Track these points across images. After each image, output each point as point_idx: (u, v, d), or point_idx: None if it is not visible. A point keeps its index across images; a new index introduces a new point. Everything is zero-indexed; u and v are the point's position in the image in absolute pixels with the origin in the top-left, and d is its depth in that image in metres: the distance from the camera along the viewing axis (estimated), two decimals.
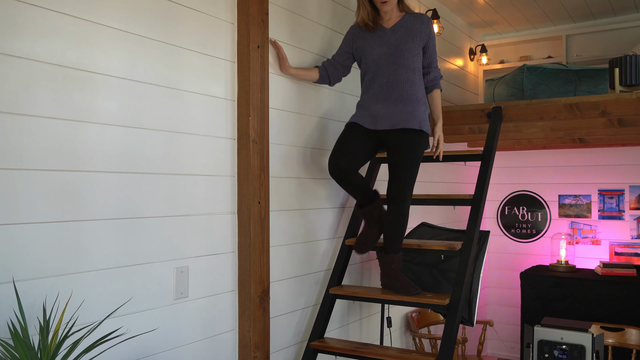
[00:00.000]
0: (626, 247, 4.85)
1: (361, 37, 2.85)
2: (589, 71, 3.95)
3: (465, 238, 2.83)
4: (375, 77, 2.79)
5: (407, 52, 2.76)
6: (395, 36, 2.78)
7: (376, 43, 2.79)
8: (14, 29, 1.72)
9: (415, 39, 2.78)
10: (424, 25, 2.81)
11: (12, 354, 1.54)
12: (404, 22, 2.81)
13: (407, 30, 2.79)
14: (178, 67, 2.27)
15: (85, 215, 1.91)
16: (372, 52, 2.79)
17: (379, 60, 2.77)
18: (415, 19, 2.82)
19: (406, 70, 2.75)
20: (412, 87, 2.75)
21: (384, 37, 2.79)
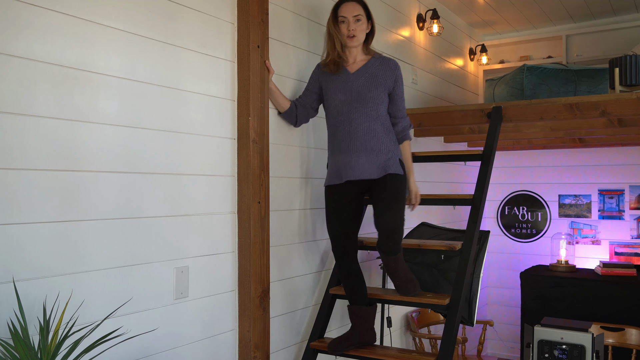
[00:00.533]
0: (626, 247, 4.85)
1: (325, 79, 2.72)
2: (589, 71, 3.95)
3: (465, 238, 2.83)
4: (337, 125, 2.66)
5: (370, 100, 2.61)
6: (358, 82, 2.64)
7: (338, 88, 2.65)
8: (14, 29, 1.72)
9: (380, 86, 2.64)
10: (390, 71, 2.67)
11: (12, 354, 1.54)
12: (369, 67, 2.67)
13: (371, 77, 2.64)
14: (178, 67, 2.27)
15: (85, 215, 1.91)
16: (334, 98, 2.66)
17: (342, 107, 2.64)
18: (382, 64, 2.68)
19: (369, 119, 2.61)
20: (374, 137, 2.62)
21: (346, 82, 2.65)
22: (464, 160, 3.18)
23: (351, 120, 2.61)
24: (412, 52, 4.16)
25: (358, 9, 2.63)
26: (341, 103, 2.64)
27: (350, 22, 2.61)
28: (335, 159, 2.68)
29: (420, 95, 4.27)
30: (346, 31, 2.62)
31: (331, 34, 2.66)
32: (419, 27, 4.23)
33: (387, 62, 2.70)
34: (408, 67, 4.09)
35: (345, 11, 2.62)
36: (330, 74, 2.69)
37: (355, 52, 2.69)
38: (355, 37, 2.63)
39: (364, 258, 3.46)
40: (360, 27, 2.63)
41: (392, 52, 3.85)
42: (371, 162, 2.61)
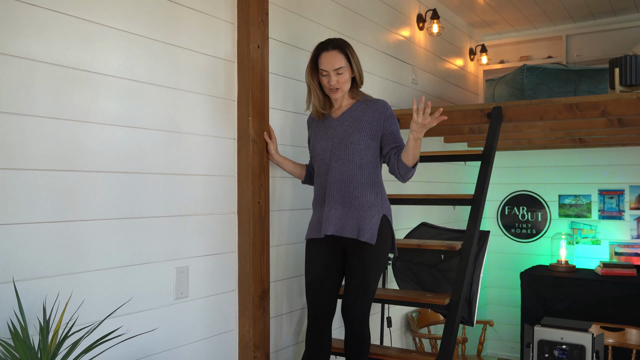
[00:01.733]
0: (626, 247, 4.85)
1: (312, 127, 2.57)
2: (589, 71, 3.95)
3: (465, 238, 2.83)
4: (319, 173, 2.48)
5: (351, 145, 2.39)
6: (341, 127, 2.44)
7: (322, 135, 2.48)
8: (13, 29, 1.72)
9: (364, 130, 2.40)
10: (377, 112, 2.43)
11: (12, 354, 1.54)
12: (353, 111, 2.46)
13: (354, 121, 2.43)
14: (178, 67, 2.27)
15: (85, 215, 1.91)
16: (317, 145, 2.49)
17: (324, 155, 2.45)
18: (368, 106, 2.45)
19: (349, 168, 2.39)
20: (354, 188, 2.38)
21: (329, 129, 2.47)
22: (464, 160, 3.17)
23: (330, 169, 2.42)
24: (412, 52, 4.16)
25: (339, 59, 2.38)
26: (323, 150, 2.46)
27: (331, 75, 2.39)
28: (316, 210, 2.50)
29: (420, 95, 4.27)
30: (327, 84, 2.42)
31: (310, 86, 2.48)
32: (419, 27, 4.23)
33: (374, 103, 2.46)
34: (408, 67, 4.09)
35: (325, 64, 2.39)
36: (318, 121, 2.53)
37: (340, 98, 2.49)
38: (338, 90, 2.43)
39: None
40: (343, 78, 2.41)
41: (392, 52, 3.86)
42: (348, 216, 2.37)
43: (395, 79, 3.90)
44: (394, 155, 2.43)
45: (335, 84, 2.40)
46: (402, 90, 4.00)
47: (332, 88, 2.41)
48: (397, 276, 3.40)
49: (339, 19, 3.26)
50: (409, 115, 3.53)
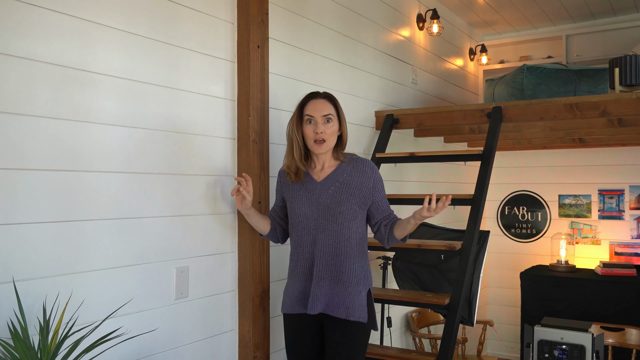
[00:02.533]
0: (626, 247, 4.85)
1: (287, 187, 2.30)
2: (589, 71, 3.95)
3: (465, 238, 2.83)
4: (301, 244, 2.24)
5: (339, 216, 2.18)
6: (326, 193, 2.21)
7: (303, 200, 2.23)
8: (14, 29, 1.72)
9: (352, 198, 2.19)
10: (365, 177, 2.22)
11: (12, 354, 1.54)
12: (339, 175, 2.23)
13: (341, 186, 2.21)
14: (178, 67, 2.27)
15: (86, 215, 1.91)
16: (298, 212, 2.23)
17: (307, 223, 2.21)
18: (355, 168, 2.24)
19: (339, 240, 2.18)
20: (343, 263, 2.18)
21: (312, 194, 2.22)
22: (464, 160, 3.18)
23: (316, 240, 2.20)
24: (412, 52, 4.16)
25: (328, 107, 2.19)
26: (306, 218, 2.21)
27: (318, 122, 2.16)
28: (296, 281, 2.25)
29: (420, 95, 4.27)
30: (312, 134, 2.17)
31: (292, 138, 2.22)
32: (419, 27, 4.23)
33: (361, 165, 2.25)
34: (408, 67, 4.09)
35: (312, 109, 2.18)
36: (296, 182, 2.26)
37: (323, 157, 2.25)
38: (324, 143, 2.18)
39: None
40: (330, 129, 2.18)
41: (392, 52, 3.86)
42: (335, 293, 2.17)
43: (395, 79, 3.90)
44: (384, 226, 2.26)
45: (322, 135, 2.16)
46: (402, 90, 4.00)
47: (318, 139, 2.16)
48: (397, 276, 3.40)
49: (339, 19, 3.26)
50: (410, 116, 3.53)
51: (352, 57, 3.38)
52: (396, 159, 3.35)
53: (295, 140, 2.20)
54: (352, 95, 3.35)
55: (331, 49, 3.17)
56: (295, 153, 2.21)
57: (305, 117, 2.19)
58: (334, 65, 3.21)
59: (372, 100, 3.60)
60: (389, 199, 3.26)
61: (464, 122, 3.37)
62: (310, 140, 2.19)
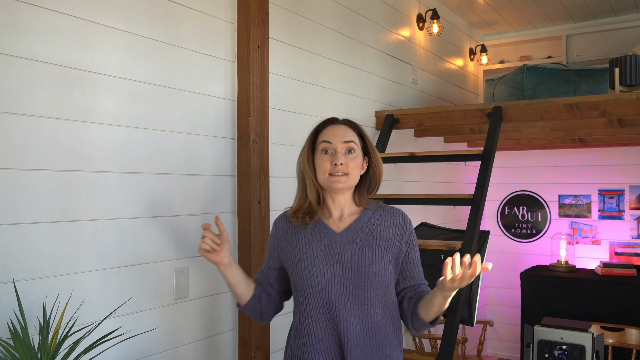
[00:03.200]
0: (626, 247, 4.85)
1: (290, 241, 1.72)
2: (589, 71, 3.95)
3: (465, 238, 2.83)
4: (315, 317, 1.64)
5: (375, 278, 1.62)
6: (351, 248, 1.65)
7: (318, 256, 1.65)
8: (14, 29, 1.72)
9: (387, 253, 1.66)
10: (397, 227, 1.71)
11: (12, 354, 1.54)
12: (365, 224, 1.70)
13: (371, 238, 1.67)
14: (178, 67, 2.26)
15: (85, 215, 1.91)
16: (313, 272, 1.63)
17: (327, 289, 1.62)
18: (383, 217, 1.72)
19: (376, 311, 1.63)
20: (384, 342, 1.64)
21: (332, 248, 1.65)
22: (464, 160, 3.17)
23: (339, 314, 1.61)
24: (412, 52, 4.16)
25: (350, 134, 1.70)
26: (325, 282, 1.62)
27: (338, 151, 1.66)
28: None
29: (420, 95, 4.27)
30: (329, 165, 1.65)
31: (303, 174, 1.72)
32: (419, 27, 4.23)
33: (391, 214, 1.74)
34: (408, 67, 4.09)
35: (330, 135, 1.68)
36: (301, 228, 1.71)
37: (343, 200, 1.72)
38: (345, 177, 1.65)
39: None
40: (353, 162, 1.67)
41: (392, 52, 3.86)
42: None
43: (395, 79, 3.90)
44: (408, 300, 1.71)
45: (342, 167, 1.64)
46: (402, 90, 4.00)
47: (336, 173, 1.64)
48: None
49: (339, 19, 3.26)
50: (410, 116, 3.53)
51: (352, 57, 3.38)
52: (396, 159, 3.35)
53: (309, 176, 1.69)
54: (352, 95, 3.35)
55: (331, 49, 3.17)
56: (310, 192, 1.69)
57: (320, 144, 1.69)
58: (334, 65, 3.21)
59: (372, 100, 3.60)
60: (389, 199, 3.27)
61: (464, 122, 3.37)
62: (324, 174, 1.66)
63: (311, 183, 1.69)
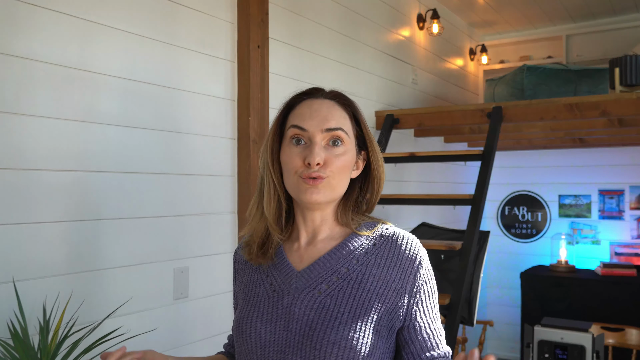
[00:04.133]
0: (626, 247, 4.85)
1: (241, 278, 1.20)
2: (589, 71, 3.95)
3: (465, 238, 2.83)
4: None
5: (333, 351, 1.01)
6: (307, 299, 1.06)
7: (260, 306, 1.10)
8: (14, 29, 1.72)
9: (365, 314, 1.04)
10: (399, 268, 1.08)
11: (12, 354, 1.54)
12: (344, 259, 1.09)
13: (347, 285, 1.06)
14: (178, 67, 2.26)
15: (85, 215, 1.91)
16: (246, 331, 1.09)
17: (263, 357, 1.06)
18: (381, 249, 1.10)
19: None
20: None
21: (281, 297, 1.09)
22: (464, 160, 3.17)
23: None
24: (412, 52, 4.16)
25: (338, 114, 1.11)
26: (260, 346, 1.07)
27: (315, 142, 1.07)
28: None
29: (420, 95, 4.27)
30: (299, 163, 1.07)
31: (262, 174, 1.15)
32: (419, 27, 4.22)
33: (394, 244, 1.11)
34: (408, 67, 4.09)
35: (306, 115, 1.09)
36: (254, 267, 1.17)
37: (319, 217, 1.13)
38: (324, 182, 1.06)
39: None
40: (340, 160, 1.08)
41: (392, 52, 3.85)
42: None
43: (395, 79, 3.90)
44: None
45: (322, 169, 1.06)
46: (402, 90, 4.00)
47: (309, 176, 1.05)
48: None
49: (339, 19, 3.26)
50: (410, 116, 3.53)
51: (352, 57, 3.38)
52: (396, 159, 3.35)
53: (269, 177, 1.11)
54: (352, 95, 3.34)
55: (331, 49, 3.17)
56: (268, 205, 1.10)
57: (288, 130, 1.10)
58: (334, 65, 3.21)
59: (372, 100, 3.59)
60: (389, 199, 3.27)
61: (464, 122, 3.37)
62: (292, 176, 1.07)
63: (271, 189, 1.10)
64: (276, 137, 1.13)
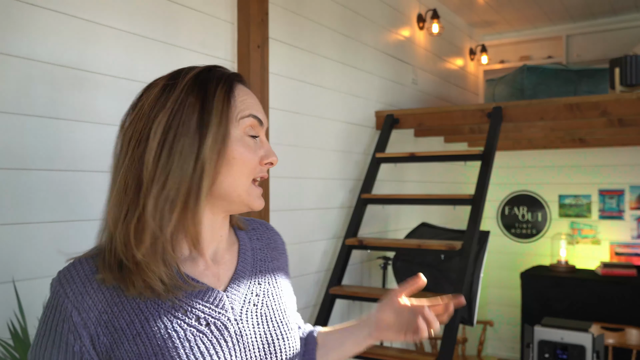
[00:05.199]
0: (626, 247, 4.85)
1: (127, 329, 0.84)
2: (589, 71, 3.95)
3: (465, 238, 2.83)
4: None
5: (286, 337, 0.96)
6: (253, 317, 0.94)
7: (202, 349, 0.84)
8: (14, 29, 1.72)
9: (287, 308, 1.01)
10: (278, 251, 1.13)
11: (12, 354, 1.54)
12: (251, 259, 1.02)
13: (268, 285, 1.01)
14: (178, 67, 2.26)
15: (85, 215, 1.91)
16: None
17: None
18: (262, 239, 1.10)
19: None
20: None
21: (225, 328, 0.88)
22: (464, 160, 3.17)
23: None
24: (412, 52, 4.16)
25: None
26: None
27: (262, 138, 0.97)
28: None
29: (420, 95, 4.27)
30: (257, 162, 0.93)
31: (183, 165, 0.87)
32: (419, 27, 4.23)
33: (265, 230, 1.15)
34: (408, 67, 4.09)
35: (255, 106, 0.96)
36: (140, 299, 0.85)
37: (218, 224, 0.96)
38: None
39: (364, 258, 3.46)
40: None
41: (392, 52, 3.85)
42: None
43: (395, 79, 3.90)
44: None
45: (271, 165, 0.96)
46: (402, 90, 4.00)
47: (263, 177, 0.96)
48: (397, 276, 3.40)
49: (339, 19, 3.26)
50: (410, 116, 3.53)
51: (352, 57, 3.38)
52: (396, 159, 3.35)
53: (199, 177, 0.87)
54: (352, 95, 3.35)
55: (331, 49, 3.17)
56: (193, 215, 0.88)
57: (242, 120, 0.93)
58: (334, 65, 3.21)
59: (372, 100, 3.59)
60: (389, 199, 3.27)
61: (464, 122, 3.37)
62: (246, 178, 0.92)
63: (200, 193, 0.87)
64: (219, 126, 0.89)
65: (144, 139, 0.89)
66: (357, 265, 3.39)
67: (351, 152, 3.35)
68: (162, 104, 0.90)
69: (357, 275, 3.39)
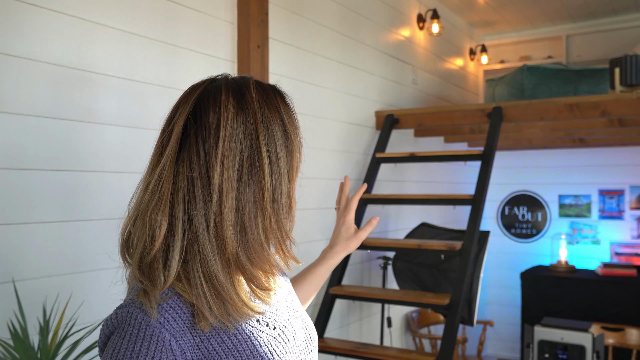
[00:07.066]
0: (626, 247, 4.85)
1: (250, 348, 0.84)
2: (589, 71, 3.95)
3: (465, 238, 2.83)
4: None
5: None
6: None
7: None
8: (14, 29, 1.72)
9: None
10: None
11: (12, 354, 1.54)
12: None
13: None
14: (178, 67, 2.26)
15: (85, 215, 1.91)
16: None
17: None
18: None
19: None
20: None
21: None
22: (464, 160, 3.17)
23: None
24: (412, 52, 4.16)
25: None
26: None
27: None
28: None
29: (420, 95, 4.27)
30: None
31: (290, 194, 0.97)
32: (419, 27, 4.23)
33: None
34: (408, 67, 4.09)
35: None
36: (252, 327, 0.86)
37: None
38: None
39: (364, 258, 3.46)
40: None
41: (392, 52, 3.85)
42: None
43: (395, 79, 3.90)
44: None
45: None
46: (402, 90, 4.00)
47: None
48: (397, 276, 3.40)
49: (339, 19, 3.26)
50: (410, 116, 3.53)
51: (352, 57, 3.38)
52: (396, 159, 3.35)
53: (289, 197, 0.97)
54: (352, 95, 3.35)
55: (331, 49, 3.17)
56: (280, 241, 0.92)
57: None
58: (334, 65, 3.21)
59: (372, 100, 3.59)
60: (389, 199, 3.27)
61: (464, 122, 3.37)
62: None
63: (287, 218, 0.94)
64: (291, 156, 1.00)
65: (255, 158, 0.90)
66: (357, 265, 3.39)
67: (351, 152, 3.35)
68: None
69: (357, 275, 3.39)
